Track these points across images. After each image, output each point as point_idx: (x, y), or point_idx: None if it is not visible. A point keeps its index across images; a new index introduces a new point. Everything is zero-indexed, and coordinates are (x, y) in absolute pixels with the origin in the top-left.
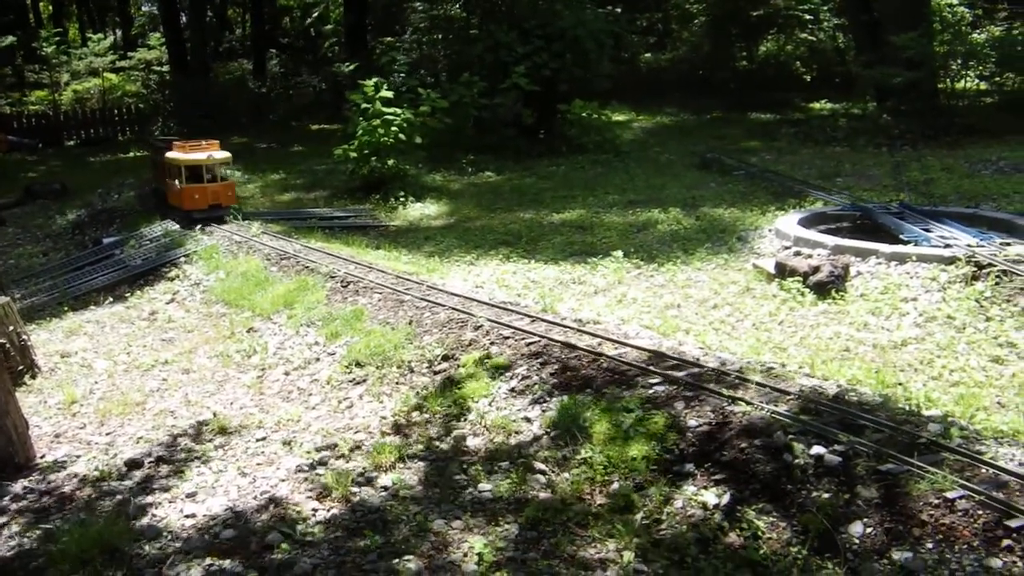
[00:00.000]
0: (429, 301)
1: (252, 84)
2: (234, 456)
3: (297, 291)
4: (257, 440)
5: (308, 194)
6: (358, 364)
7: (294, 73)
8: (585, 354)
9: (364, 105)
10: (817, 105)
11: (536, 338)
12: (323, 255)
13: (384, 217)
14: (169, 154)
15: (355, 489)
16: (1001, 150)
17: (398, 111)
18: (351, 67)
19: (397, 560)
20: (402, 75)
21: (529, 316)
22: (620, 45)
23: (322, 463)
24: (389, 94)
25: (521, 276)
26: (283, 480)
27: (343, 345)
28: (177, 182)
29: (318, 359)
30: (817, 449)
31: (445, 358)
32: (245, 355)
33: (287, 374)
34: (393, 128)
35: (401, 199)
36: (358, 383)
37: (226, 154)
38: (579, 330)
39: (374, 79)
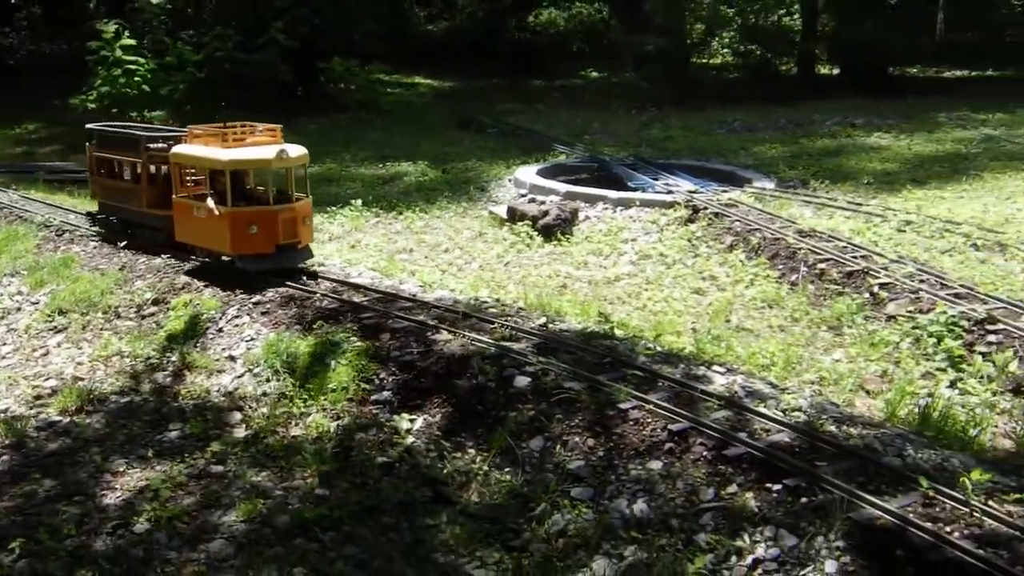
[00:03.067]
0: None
1: None
2: None
3: (5, 240)
4: None
5: (43, 148)
6: (61, 312)
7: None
8: (300, 294)
9: (104, 53)
10: (585, 73)
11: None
12: (42, 205)
13: None
14: (188, 149)
15: (34, 434)
16: (738, 113)
17: (142, 60)
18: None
19: (65, 502)
20: (154, 24)
21: None
22: (397, 11)
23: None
24: (131, 41)
25: None
26: None
27: (48, 293)
28: (211, 203)
29: (19, 308)
30: (510, 372)
31: (156, 302)
32: None
33: None
34: (136, 79)
35: None
36: (59, 331)
37: (301, 149)
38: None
39: (114, 23)
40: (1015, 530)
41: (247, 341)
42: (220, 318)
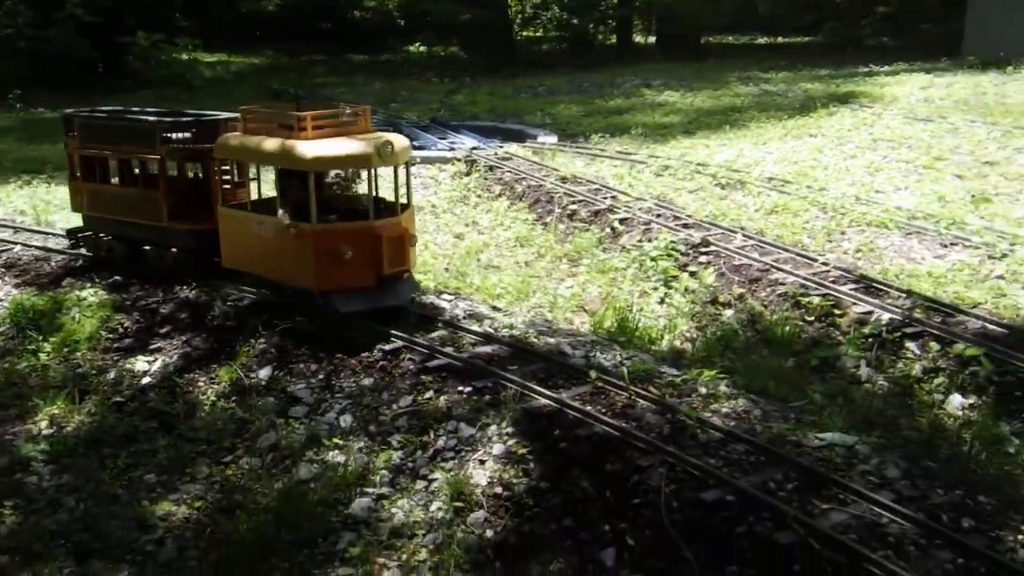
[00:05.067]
0: None
1: None
2: None
3: None
4: None
5: None
6: None
7: None
8: (46, 255)
9: None
10: (411, 48)
11: (9, 246)
12: None
13: None
14: (244, 141)
15: None
16: (547, 80)
17: None
18: None
19: None
20: None
21: (12, 227)
22: None
23: None
24: None
25: (37, 199)
26: None
27: None
28: (284, 216)
29: None
30: (232, 309)
31: None
32: None
33: None
34: None
35: None
36: None
37: (405, 140)
38: (53, 234)
39: None
40: (655, 404)
41: None
42: None
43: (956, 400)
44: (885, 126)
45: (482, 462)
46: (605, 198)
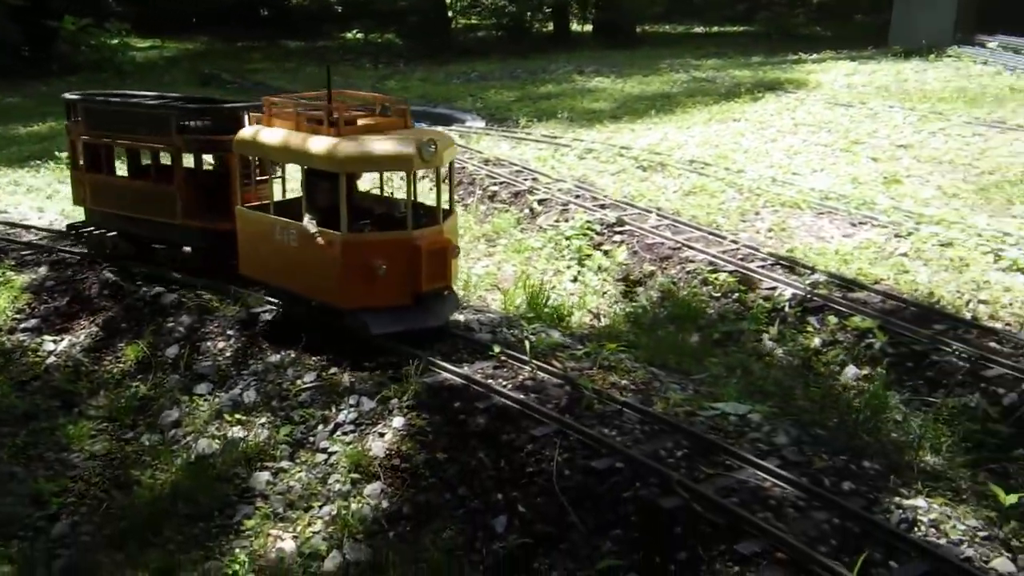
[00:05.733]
0: None
1: None
2: None
3: None
4: None
5: None
6: None
7: None
8: None
9: None
10: (349, 35)
11: None
12: None
13: None
14: (268, 135)
15: None
16: (480, 66)
17: None
18: None
19: None
20: None
21: None
22: None
23: None
24: None
25: None
26: None
27: None
28: (311, 223)
29: None
30: (158, 290)
31: None
32: None
33: None
34: None
35: None
36: None
37: (449, 137)
38: None
39: None
40: (555, 377)
41: None
42: None
43: (851, 371)
44: (807, 111)
45: (382, 435)
46: (526, 180)
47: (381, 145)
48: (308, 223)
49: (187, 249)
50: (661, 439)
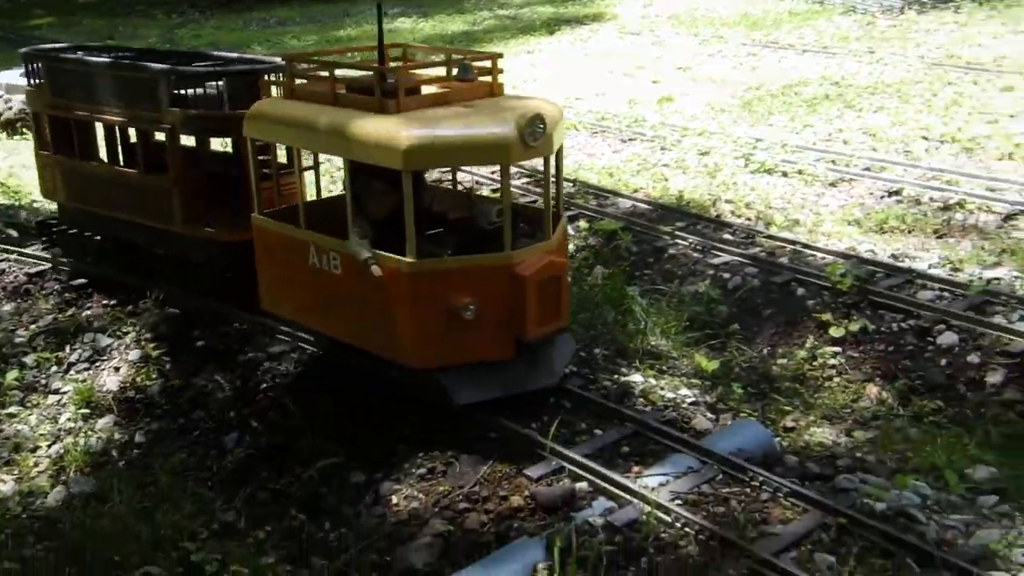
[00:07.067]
0: None
1: None
2: None
3: None
4: None
5: None
6: None
7: None
8: None
9: None
10: None
11: None
12: None
13: None
14: (297, 110)
15: None
16: (280, 11)
17: None
18: None
19: None
20: None
21: None
22: None
23: None
24: None
25: None
26: None
27: None
28: (359, 245)
29: None
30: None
31: None
32: None
33: None
34: None
35: None
36: None
37: (556, 110)
38: None
39: None
40: None
41: None
42: None
43: (598, 270)
44: (598, 42)
45: (117, 369)
46: None
47: (464, 126)
48: (357, 244)
49: (195, 264)
50: None
